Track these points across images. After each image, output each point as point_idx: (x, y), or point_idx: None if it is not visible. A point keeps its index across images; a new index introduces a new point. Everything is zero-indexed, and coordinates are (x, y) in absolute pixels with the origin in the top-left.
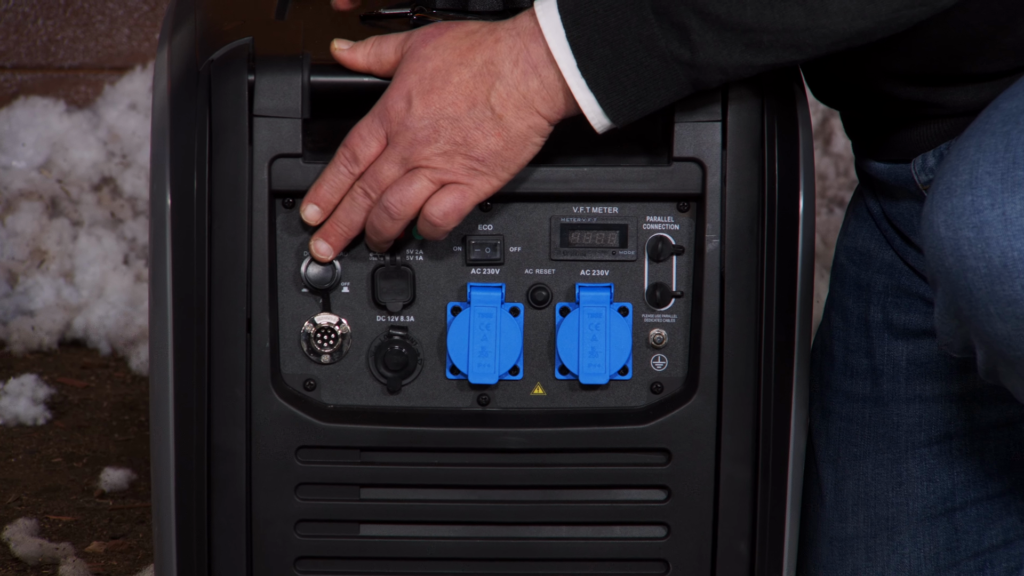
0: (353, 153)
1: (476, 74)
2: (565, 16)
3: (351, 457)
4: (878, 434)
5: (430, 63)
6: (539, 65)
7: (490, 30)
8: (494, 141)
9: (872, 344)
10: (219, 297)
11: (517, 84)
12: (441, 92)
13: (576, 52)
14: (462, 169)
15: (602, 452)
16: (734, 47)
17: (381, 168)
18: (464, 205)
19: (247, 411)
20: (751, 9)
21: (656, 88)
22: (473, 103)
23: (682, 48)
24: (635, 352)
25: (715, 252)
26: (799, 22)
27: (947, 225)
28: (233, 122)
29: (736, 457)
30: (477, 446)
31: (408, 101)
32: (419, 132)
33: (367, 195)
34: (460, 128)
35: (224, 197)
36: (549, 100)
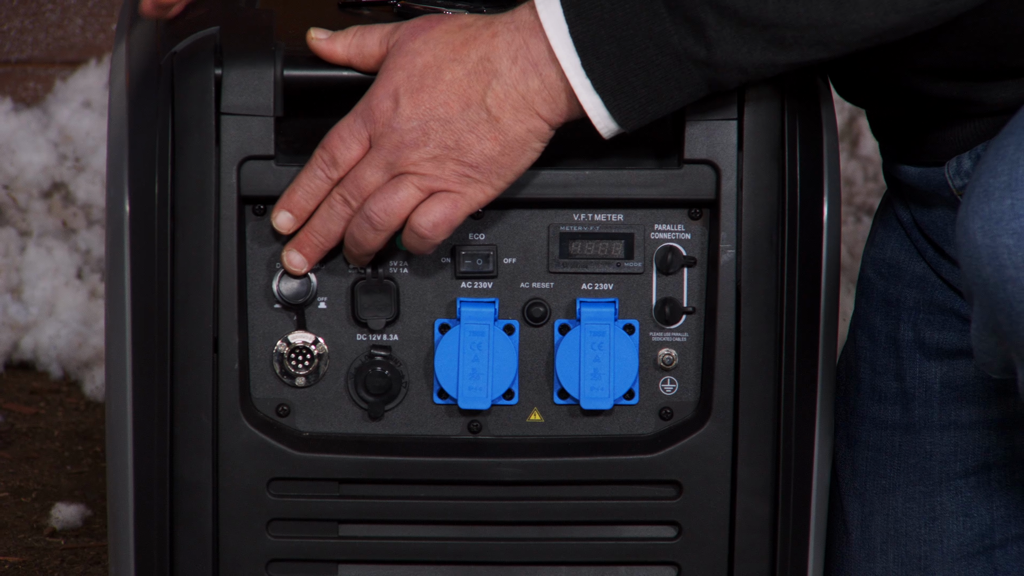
0: (332, 156)
1: (471, 72)
2: (568, 9)
3: (328, 490)
4: (909, 464)
5: (420, 58)
6: (540, 63)
7: (486, 24)
8: (489, 145)
9: (902, 365)
10: (183, 314)
11: (516, 83)
12: (432, 91)
13: (580, 49)
14: (453, 176)
15: (605, 484)
16: (754, 44)
17: (363, 173)
18: (455, 215)
19: (214, 440)
20: (773, 2)
21: (668, 89)
22: (467, 103)
23: (697, 45)
24: (642, 374)
25: (730, 264)
26: (826, 17)
27: (984, 232)
28: (198, 121)
29: (753, 490)
30: (467, 478)
31: (395, 100)
32: (406, 134)
33: (346, 203)
34: (452, 131)
35: (188, 204)
36: (550, 101)
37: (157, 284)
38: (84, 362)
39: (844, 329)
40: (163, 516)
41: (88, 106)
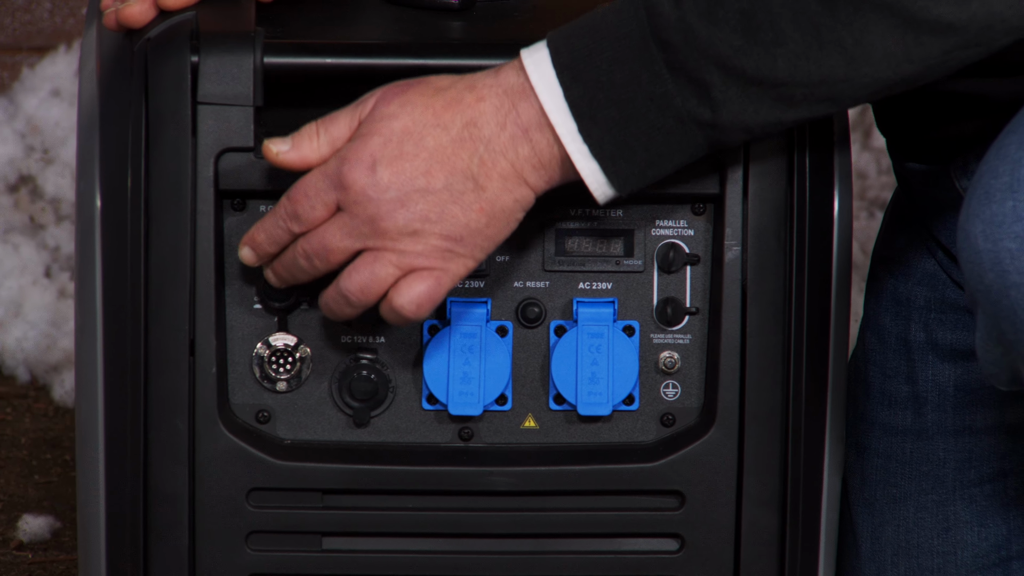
0: (294, 211)
1: (456, 138)
2: (562, 72)
3: (311, 501)
4: (921, 472)
5: (397, 122)
6: (531, 129)
7: (468, 86)
8: (475, 217)
9: (914, 368)
10: (157, 315)
11: (504, 150)
12: (413, 158)
13: (577, 114)
14: (435, 252)
15: (604, 495)
16: (761, 103)
17: (331, 237)
18: (438, 294)
19: (190, 448)
20: (783, 61)
21: (670, 152)
22: (452, 172)
23: (701, 107)
24: (642, 378)
25: (736, 262)
26: (838, 72)
27: (986, 236)
28: (173, 111)
29: (760, 501)
30: (458, 488)
31: (371, 167)
32: (384, 205)
33: (310, 261)
34: (435, 202)
35: (163, 198)
36: (540, 169)
37: (130, 283)
38: (53, 365)
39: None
40: (136, 528)
41: (57, 95)
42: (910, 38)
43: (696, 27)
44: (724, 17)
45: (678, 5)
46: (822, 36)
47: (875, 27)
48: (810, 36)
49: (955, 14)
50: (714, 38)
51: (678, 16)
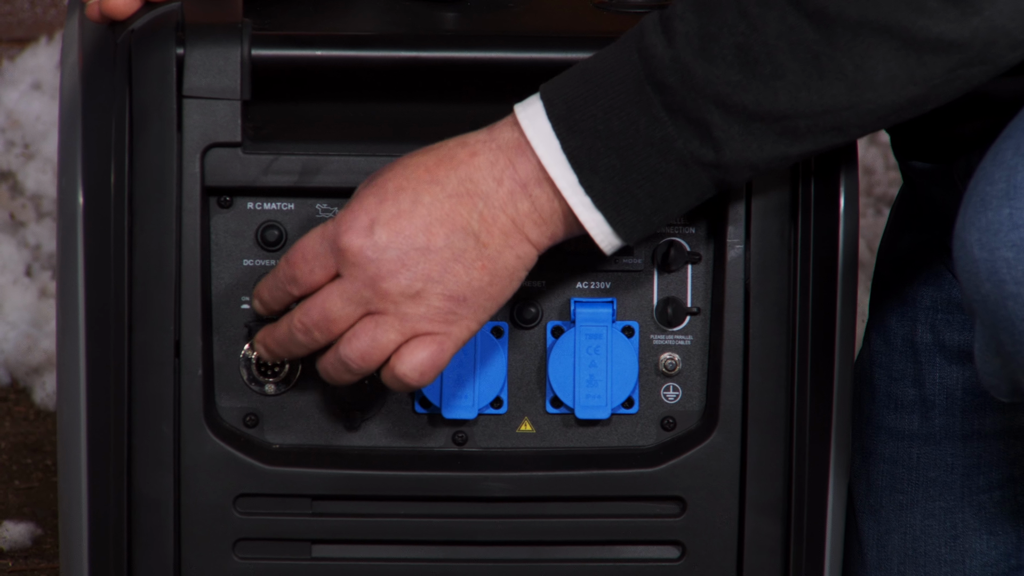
0: (293, 274)
1: (452, 194)
2: (557, 123)
3: (301, 507)
4: (928, 478)
5: (391, 183)
6: (529, 183)
7: (459, 143)
8: (478, 275)
9: (921, 370)
10: (142, 315)
11: (503, 206)
12: (410, 216)
13: (576, 166)
14: (438, 314)
15: (602, 501)
16: (765, 139)
17: (332, 305)
18: (442, 359)
19: (175, 452)
20: (784, 93)
21: (675, 196)
22: (452, 229)
23: (704, 147)
24: (642, 381)
25: (738, 260)
26: (841, 100)
27: (982, 244)
28: (158, 104)
29: (763, 507)
30: (452, 494)
31: (368, 228)
32: (383, 266)
33: (309, 334)
34: (436, 261)
35: (147, 195)
36: (542, 224)
37: (113, 282)
38: (33, 367)
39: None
40: (120, 536)
41: (38, 88)
42: (912, 59)
43: (692, 66)
44: (720, 53)
45: (671, 44)
46: (821, 64)
47: (875, 51)
48: (809, 66)
49: (956, 31)
50: (711, 76)
51: (672, 56)
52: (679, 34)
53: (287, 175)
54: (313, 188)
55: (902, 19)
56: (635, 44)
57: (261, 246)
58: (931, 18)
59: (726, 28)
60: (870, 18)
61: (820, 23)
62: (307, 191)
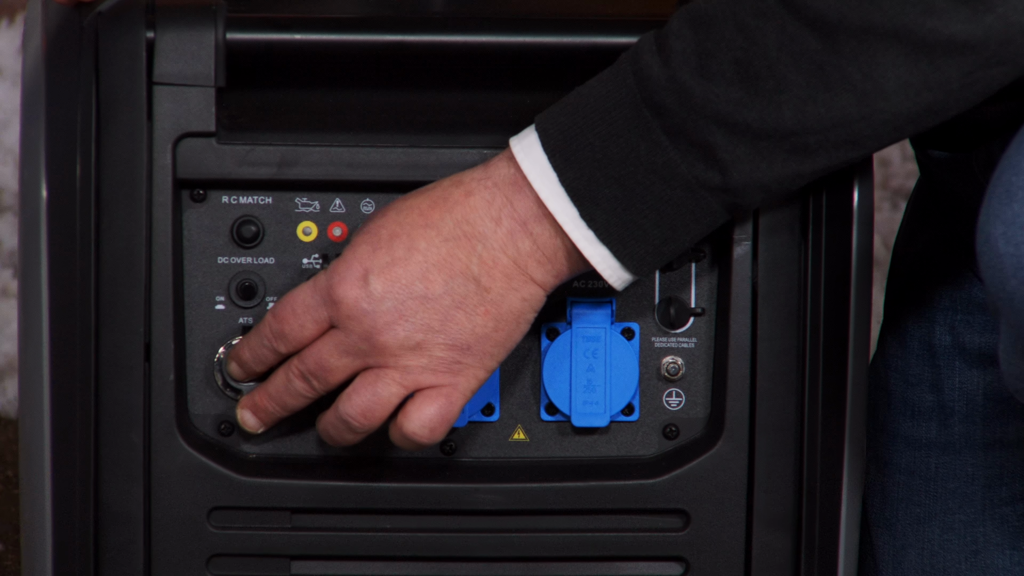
0: (280, 330)
1: (449, 237)
2: (554, 155)
3: (279, 521)
4: (948, 490)
5: (384, 230)
6: (529, 221)
7: (454, 183)
8: (481, 321)
9: (939, 375)
10: (109, 316)
11: (504, 247)
12: (406, 263)
13: (576, 199)
14: (442, 365)
15: (601, 514)
16: (774, 158)
17: (327, 357)
18: (451, 413)
19: (145, 463)
20: (789, 108)
21: (684, 224)
22: (451, 274)
23: (710, 171)
24: (643, 386)
25: (745, 257)
26: (851, 112)
27: (1007, 238)
28: (127, 92)
29: (772, 521)
30: (440, 506)
31: (363, 278)
32: (380, 317)
33: (307, 382)
34: (436, 309)
35: (116, 188)
36: (545, 263)
37: (79, 281)
38: None
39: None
40: (87, 551)
41: None
42: (924, 64)
43: (690, 85)
44: (719, 70)
45: (667, 64)
46: (827, 75)
47: (883, 58)
48: (814, 78)
49: (969, 31)
50: (710, 94)
51: (668, 76)
52: (675, 52)
53: (265, 167)
54: (292, 181)
55: (908, 22)
56: (630, 66)
57: (237, 242)
58: (940, 19)
59: (724, 43)
60: (874, 22)
61: (822, 31)
62: (286, 184)
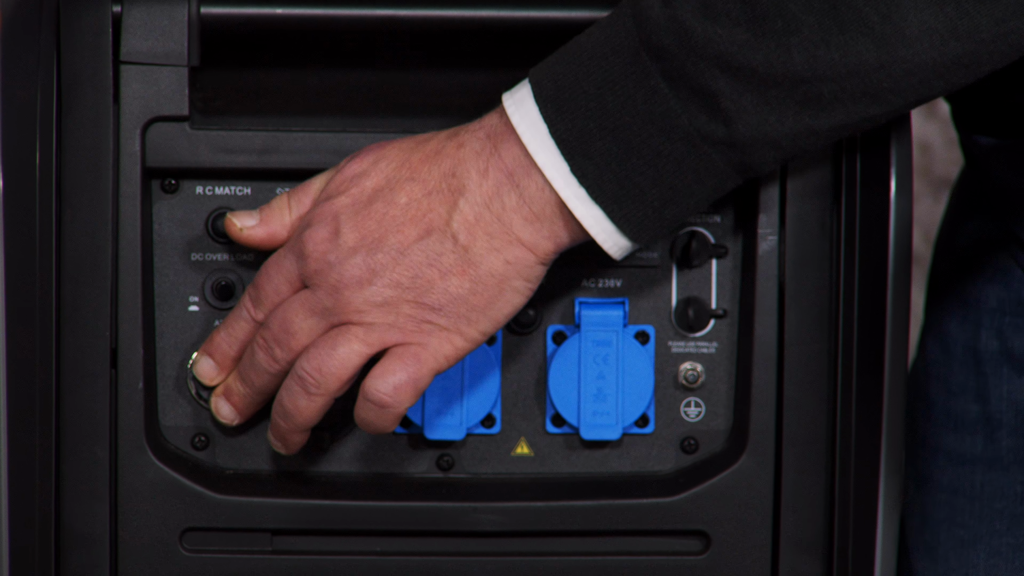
0: (257, 293)
1: (432, 191)
2: (545, 104)
3: (259, 543)
4: (994, 510)
5: (368, 181)
6: (516, 173)
7: (450, 135)
8: (456, 282)
9: (985, 383)
10: (72, 319)
11: (488, 201)
12: (382, 217)
13: (567, 153)
14: (410, 323)
15: (612, 536)
16: (784, 109)
17: (291, 318)
18: (420, 374)
19: (112, 479)
20: (799, 51)
21: (686, 184)
22: (427, 229)
23: (712, 123)
24: (658, 395)
25: (772, 254)
26: (868, 58)
27: None
28: (91, 72)
29: (800, 544)
30: (436, 527)
31: (334, 228)
32: (347, 270)
33: (269, 351)
34: (407, 264)
35: (79, 177)
36: (534, 221)
37: (39, 280)
38: None
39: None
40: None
41: None
42: (950, 8)
43: (691, 25)
44: (723, 9)
45: (668, 3)
46: (841, 15)
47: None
48: (827, 18)
49: None
50: (714, 35)
51: (669, 16)
52: None
53: (243, 154)
54: (273, 169)
55: None
56: (630, 9)
57: (212, 237)
58: None
59: None
60: None
61: None
62: (266, 173)
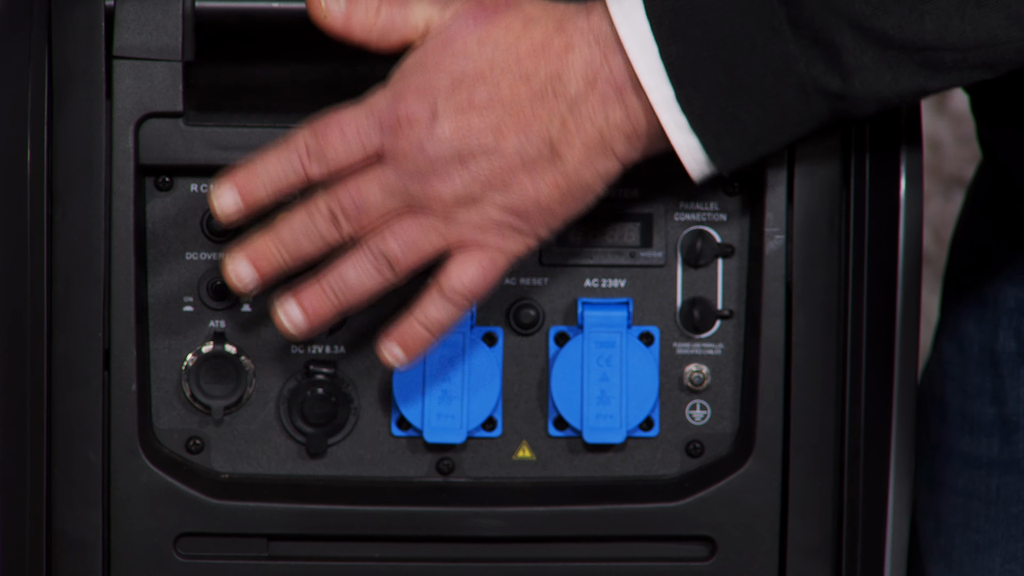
0: (320, 149)
1: (537, 92)
2: (658, 24)
3: (254, 549)
4: (1010, 514)
5: (471, 62)
6: (624, 89)
7: (557, 27)
8: (547, 191)
9: (1002, 385)
10: (64, 319)
11: (592, 114)
12: (484, 111)
13: (675, 78)
14: (492, 225)
15: (616, 542)
16: (901, 71)
17: (368, 195)
18: (494, 277)
19: (104, 484)
20: (932, 21)
21: (786, 126)
22: (527, 134)
23: (829, 74)
24: (663, 398)
25: (779, 254)
26: (999, 34)
27: None
28: (84, 67)
29: (808, 549)
30: (436, 532)
31: (431, 112)
32: (439, 162)
33: (335, 221)
34: (501, 166)
35: (72, 174)
36: (633, 138)
37: (30, 280)
38: None
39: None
40: None
41: None
42: None
43: None
44: None
45: None
46: None
47: None
48: None
49: None
50: None
51: None
52: None
53: (238, 151)
54: None
55: None
56: None
57: (207, 236)
58: None
59: None
60: None
61: None
62: None
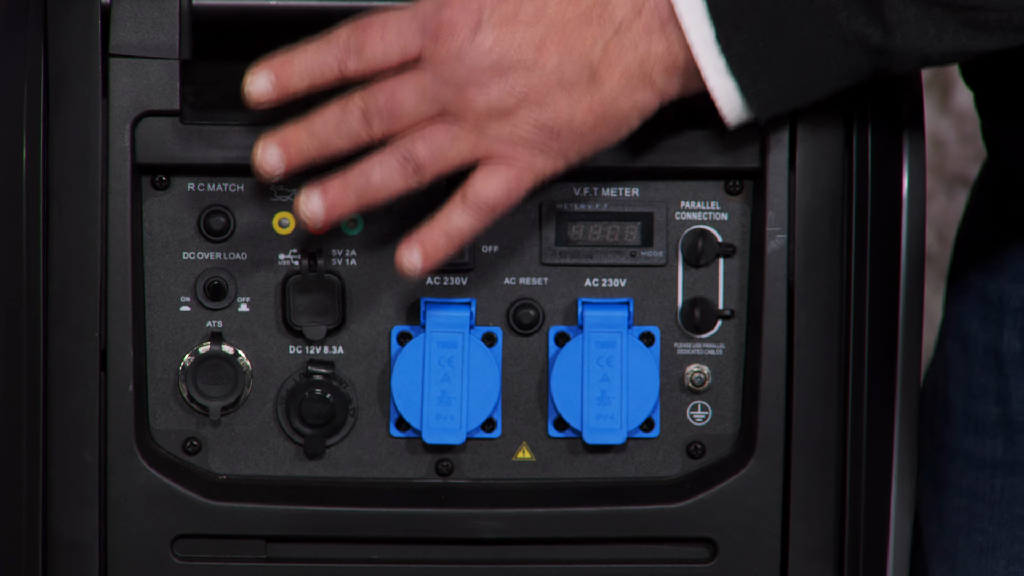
0: (359, 44)
1: (583, 14)
2: None
3: (252, 550)
4: (1015, 516)
5: None
6: (668, 22)
7: None
8: (582, 114)
9: (1006, 385)
10: (60, 319)
11: (635, 43)
12: (528, 26)
13: (716, 18)
14: (523, 142)
15: (617, 544)
16: (944, 28)
17: (404, 97)
18: (519, 192)
19: (101, 485)
20: None
21: (825, 78)
22: (569, 53)
23: (871, 27)
24: (664, 398)
25: (781, 253)
26: None
27: None
28: (80, 65)
29: (810, 551)
30: (435, 534)
31: (475, 22)
32: (476, 72)
33: (368, 121)
34: (540, 84)
35: (67, 174)
36: (674, 73)
37: (26, 280)
38: None
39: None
40: None
41: None
42: None
43: None
44: None
45: None
46: None
47: None
48: None
49: None
50: None
51: None
52: None
53: (235, 150)
54: None
55: None
56: None
57: (204, 236)
58: None
59: None
60: None
61: None
62: None
